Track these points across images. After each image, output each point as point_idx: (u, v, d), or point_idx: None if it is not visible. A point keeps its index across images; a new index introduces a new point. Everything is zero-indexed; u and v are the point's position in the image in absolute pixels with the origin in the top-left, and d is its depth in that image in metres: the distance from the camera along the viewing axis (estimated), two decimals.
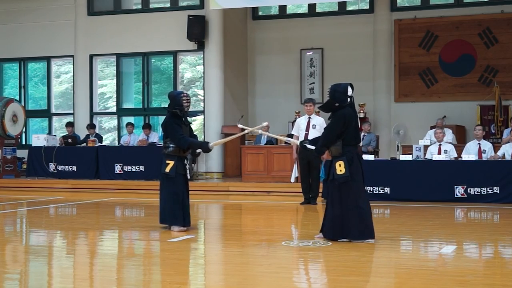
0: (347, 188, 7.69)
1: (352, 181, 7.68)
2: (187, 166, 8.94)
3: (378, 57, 17.95)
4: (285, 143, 13.60)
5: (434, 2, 18.05)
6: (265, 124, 9.55)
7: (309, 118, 12.22)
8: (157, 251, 7.43)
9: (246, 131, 9.31)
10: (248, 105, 19.19)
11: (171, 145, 8.78)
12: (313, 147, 8.10)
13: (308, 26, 18.74)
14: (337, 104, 7.81)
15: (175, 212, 8.73)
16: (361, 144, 15.34)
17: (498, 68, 17.18)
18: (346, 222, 7.69)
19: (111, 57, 19.11)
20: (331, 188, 7.82)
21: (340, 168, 7.66)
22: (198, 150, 8.97)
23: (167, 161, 8.76)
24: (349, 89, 7.82)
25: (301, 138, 11.84)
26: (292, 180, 13.62)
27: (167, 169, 8.73)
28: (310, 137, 11.57)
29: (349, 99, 7.81)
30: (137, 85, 19.21)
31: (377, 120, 17.80)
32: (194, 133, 9.36)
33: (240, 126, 9.27)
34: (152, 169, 15.24)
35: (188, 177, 9.01)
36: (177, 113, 8.81)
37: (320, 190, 12.34)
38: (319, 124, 12.08)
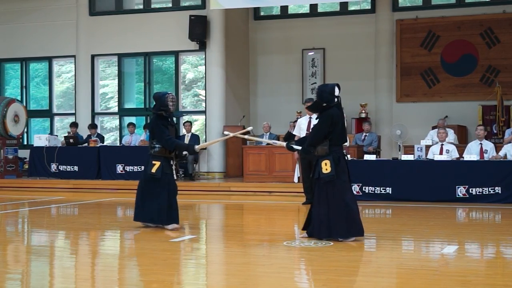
0: (333, 187, 7.74)
1: (338, 180, 7.74)
2: (173, 167, 8.98)
3: (380, 57, 17.95)
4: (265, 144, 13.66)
5: (435, 2, 18.04)
6: (249, 128, 9.65)
7: (310, 118, 12.21)
8: (158, 251, 7.43)
9: (231, 135, 9.37)
10: (250, 105, 19.19)
11: (157, 146, 8.85)
12: (299, 147, 8.17)
13: (310, 26, 18.74)
14: (324, 104, 7.85)
15: (163, 212, 8.76)
16: (363, 144, 15.38)
17: (500, 68, 17.17)
18: (333, 221, 7.73)
19: (113, 57, 19.11)
20: (317, 187, 7.87)
21: (326, 167, 7.72)
22: (184, 152, 9.07)
23: (153, 162, 8.82)
24: (336, 90, 7.87)
25: None
26: (295, 180, 13.62)
27: (153, 170, 8.79)
28: None
29: (336, 99, 7.85)
30: (139, 85, 19.22)
31: (379, 120, 17.80)
32: (179, 134, 9.42)
33: (225, 132, 9.46)
34: None
35: (175, 177, 9.03)
36: (163, 114, 8.85)
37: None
38: None
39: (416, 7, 18.15)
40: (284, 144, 8.52)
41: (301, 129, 12.28)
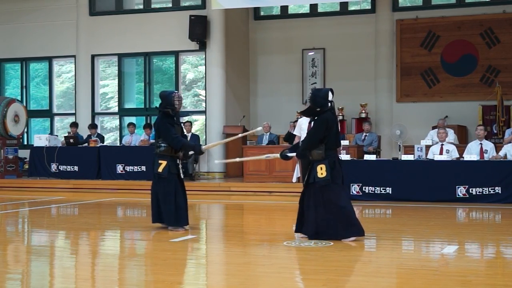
0: (329, 190, 7.77)
1: (333, 184, 7.77)
2: (180, 166, 8.91)
3: (380, 57, 17.95)
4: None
5: (435, 2, 18.04)
6: (259, 129, 9.62)
7: None
8: (158, 251, 7.43)
9: (240, 135, 9.38)
10: (250, 105, 19.18)
11: (163, 145, 8.76)
12: (293, 154, 8.18)
13: (310, 26, 18.74)
14: (318, 109, 7.85)
15: (170, 212, 8.69)
16: (363, 144, 15.38)
17: (500, 68, 17.17)
18: (331, 224, 7.74)
19: (113, 57, 19.12)
20: (313, 191, 7.88)
21: (321, 171, 7.74)
22: (191, 152, 8.99)
23: (160, 161, 8.73)
24: (330, 94, 7.90)
25: (303, 138, 11.83)
26: (294, 180, 13.60)
27: (160, 169, 8.71)
28: None
29: (329, 104, 7.86)
30: (139, 85, 19.22)
31: (379, 120, 17.80)
32: (185, 133, 9.34)
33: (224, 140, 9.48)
34: None
35: (182, 176, 8.97)
36: (169, 112, 8.78)
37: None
38: None
39: (416, 7, 18.15)
40: (278, 155, 8.47)
41: (302, 129, 12.22)
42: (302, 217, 7.99)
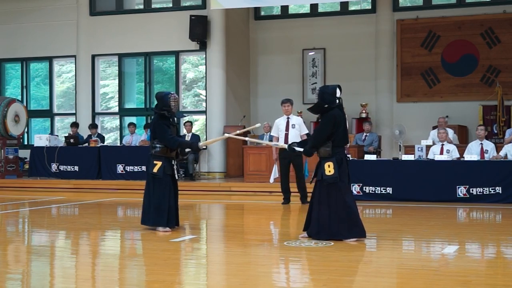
0: (336, 188, 7.75)
1: (340, 182, 7.76)
2: (175, 167, 8.92)
3: (380, 57, 17.95)
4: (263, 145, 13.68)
5: (436, 2, 18.04)
6: (257, 125, 9.61)
7: (288, 118, 12.33)
8: (158, 251, 7.43)
9: (233, 135, 9.33)
10: (250, 105, 19.18)
11: (158, 146, 8.76)
12: (301, 149, 8.17)
13: (310, 26, 18.74)
14: (326, 106, 7.85)
15: (159, 213, 8.69)
16: (364, 144, 15.39)
17: (500, 68, 17.16)
18: (334, 222, 7.74)
19: (113, 57, 19.11)
20: (319, 189, 7.87)
21: (329, 169, 7.72)
22: (188, 150, 8.99)
23: (155, 162, 8.73)
24: (338, 91, 7.88)
25: (281, 138, 12.09)
26: (271, 180, 13.30)
27: (155, 170, 8.71)
28: (290, 136, 11.97)
29: (337, 101, 7.85)
30: (139, 85, 19.22)
31: (379, 120, 17.80)
32: (181, 133, 9.34)
33: (226, 135, 9.35)
34: None
35: (177, 177, 8.98)
36: (165, 114, 8.79)
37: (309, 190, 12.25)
38: (298, 123, 12.28)
39: (417, 7, 18.15)
40: (286, 146, 8.51)
41: (279, 130, 12.40)
42: (310, 216, 7.99)
